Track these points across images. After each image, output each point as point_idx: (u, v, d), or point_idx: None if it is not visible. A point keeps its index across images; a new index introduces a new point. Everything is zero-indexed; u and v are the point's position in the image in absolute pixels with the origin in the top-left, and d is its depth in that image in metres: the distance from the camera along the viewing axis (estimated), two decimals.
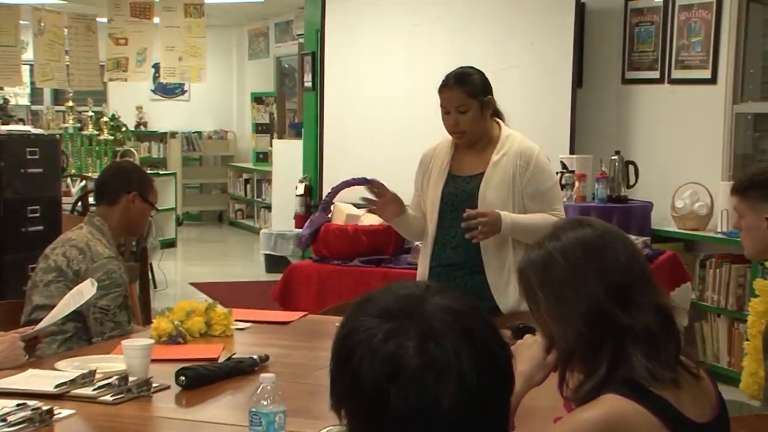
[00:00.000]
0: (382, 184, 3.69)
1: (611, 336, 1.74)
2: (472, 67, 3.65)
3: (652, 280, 1.80)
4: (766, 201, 2.80)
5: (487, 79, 3.62)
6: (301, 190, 8.10)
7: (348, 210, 5.80)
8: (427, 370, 1.23)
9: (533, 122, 5.00)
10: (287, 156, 10.04)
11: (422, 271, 3.72)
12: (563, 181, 6.12)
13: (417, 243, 5.13)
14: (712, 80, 6.17)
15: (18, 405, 2.38)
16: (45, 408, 2.39)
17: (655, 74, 6.57)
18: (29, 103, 13.86)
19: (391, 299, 1.31)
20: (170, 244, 11.53)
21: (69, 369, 2.81)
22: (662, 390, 1.70)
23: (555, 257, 1.80)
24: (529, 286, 1.84)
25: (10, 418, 2.31)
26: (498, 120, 3.68)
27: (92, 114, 10.73)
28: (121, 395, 2.56)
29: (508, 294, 3.53)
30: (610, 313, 1.74)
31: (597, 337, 1.75)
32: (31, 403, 2.41)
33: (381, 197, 3.67)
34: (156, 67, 9.13)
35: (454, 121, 3.57)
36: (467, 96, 3.54)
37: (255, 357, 2.89)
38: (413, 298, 1.30)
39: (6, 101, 11.74)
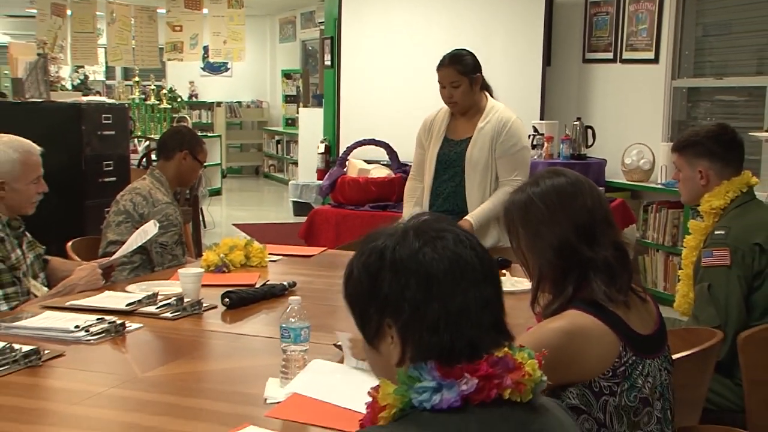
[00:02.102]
0: None
1: (577, 266, 1.72)
2: (464, 49, 3.60)
3: (613, 222, 1.78)
4: (699, 157, 2.76)
5: (476, 59, 3.57)
6: (321, 149, 8.05)
7: (360, 165, 5.77)
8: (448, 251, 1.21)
9: (510, 93, 4.94)
10: (311, 121, 10.00)
11: None
12: (534, 142, 6.09)
13: None
14: (655, 60, 6.15)
15: (98, 319, 2.40)
16: (118, 322, 2.41)
17: (610, 55, 6.54)
18: (104, 79, 13.80)
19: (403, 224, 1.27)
20: (217, 192, 11.55)
21: (137, 291, 2.82)
22: (616, 309, 1.70)
23: (534, 200, 1.77)
24: (511, 223, 1.82)
25: (91, 329, 2.34)
26: (486, 93, 3.64)
27: (154, 87, 10.68)
28: (178, 313, 2.57)
29: (487, 234, 3.55)
30: (577, 248, 1.72)
31: (565, 266, 1.73)
32: (108, 317, 2.42)
33: None
34: (205, 49, 9.06)
35: (449, 93, 3.55)
36: (459, 74, 3.51)
37: (285, 283, 2.90)
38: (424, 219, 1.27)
39: (86, 77, 11.69)
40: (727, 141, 2.76)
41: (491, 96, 3.64)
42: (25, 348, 2.11)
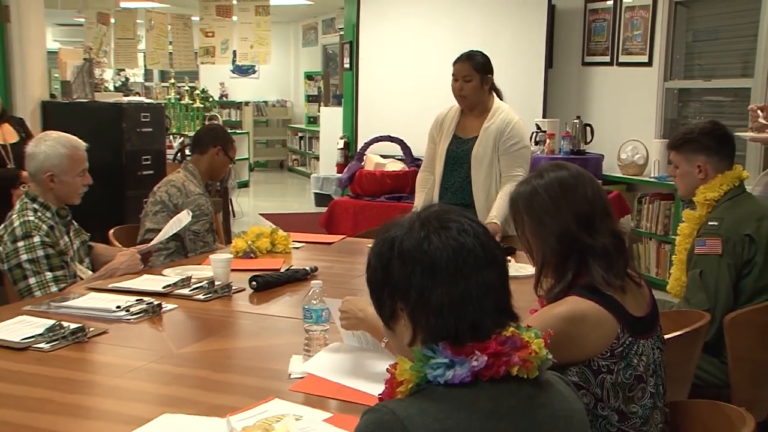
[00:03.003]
0: None
1: (577, 252, 1.71)
2: (480, 51, 3.62)
3: (611, 212, 1.76)
4: (696, 152, 2.73)
5: (489, 61, 3.59)
6: (341, 144, 8.05)
7: (376, 159, 5.77)
8: (452, 241, 1.20)
9: (515, 94, 4.92)
10: (331, 119, 10.00)
11: None
12: (537, 138, 6.06)
13: None
14: (649, 63, 6.10)
15: (137, 300, 2.42)
16: (156, 303, 2.42)
17: (607, 58, 6.50)
18: (143, 81, 13.83)
19: (414, 215, 1.26)
20: (245, 184, 11.57)
21: (172, 275, 2.84)
22: (613, 293, 1.68)
23: (539, 191, 1.76)
24: (517, 212, 1.80)
25: (131, 309, 2.36)
26: (495, 95, 3.63)
27: (188, 88, 10.72)
28: (210, 295, 2.58)
29: None
30: (578, 236, 1.70)
31: (566, 253, 1.71)
32: (146, 298, 2.44)
33: None
34: (234, 53, 9.07)
35: (460, 87, 3.57)
36: (472, 69, 3.53)
37: (307, 268, 2.90)
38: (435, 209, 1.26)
39: (127, 79, 11.73)
40: (720, 136, 2.74)
41: (500, 98, 3.64)
42: (73, 326, 2.14)
